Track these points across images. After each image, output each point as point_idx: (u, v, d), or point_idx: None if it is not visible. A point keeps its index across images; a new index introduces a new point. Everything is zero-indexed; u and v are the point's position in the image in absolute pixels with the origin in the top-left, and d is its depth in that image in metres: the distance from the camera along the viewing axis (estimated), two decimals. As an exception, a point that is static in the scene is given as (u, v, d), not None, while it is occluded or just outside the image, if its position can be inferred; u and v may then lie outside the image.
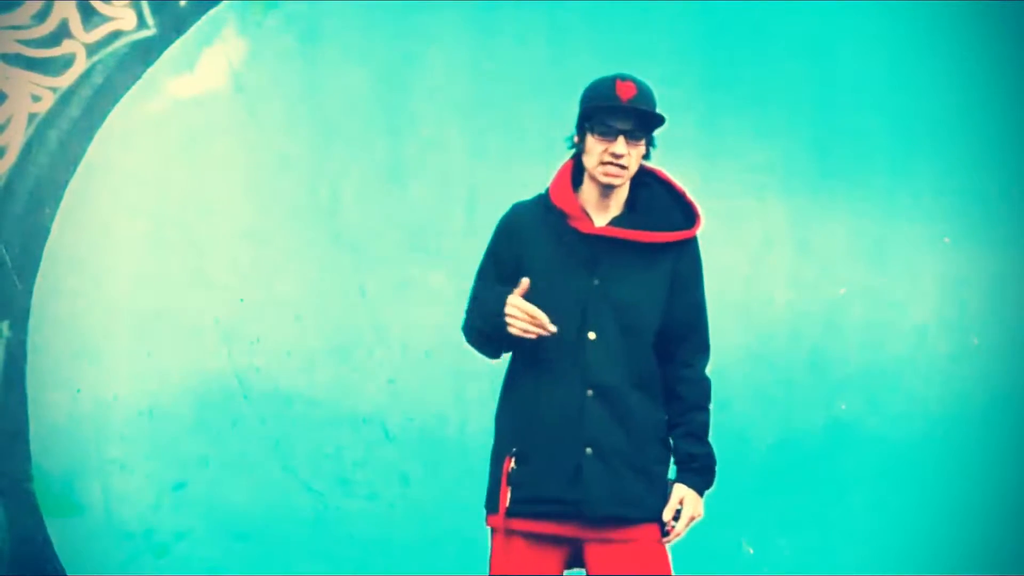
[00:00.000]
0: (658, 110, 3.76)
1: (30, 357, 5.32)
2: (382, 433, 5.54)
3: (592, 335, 3.71)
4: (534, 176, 5.63)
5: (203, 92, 5.48)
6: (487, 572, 3.86)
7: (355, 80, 5.57)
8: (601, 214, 3.79)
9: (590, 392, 3.71)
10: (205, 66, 5.48)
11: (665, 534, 3.78)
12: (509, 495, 3.73)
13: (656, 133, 3.80)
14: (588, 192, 3.81)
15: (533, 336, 3.65)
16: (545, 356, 3.73)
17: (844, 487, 5.83)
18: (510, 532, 3.75)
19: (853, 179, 5.89)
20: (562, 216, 3.78)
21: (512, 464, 3.75)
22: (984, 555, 5.83)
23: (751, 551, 5.77)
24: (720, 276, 5.77)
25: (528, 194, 5.61)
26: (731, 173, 5.82)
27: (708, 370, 3.92)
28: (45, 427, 5.31)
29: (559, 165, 5.56)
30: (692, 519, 3.80)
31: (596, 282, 3.73)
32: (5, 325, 5.30)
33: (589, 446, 3.70)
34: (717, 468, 3.88)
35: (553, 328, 3.64)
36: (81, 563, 5.32)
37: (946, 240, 5.97)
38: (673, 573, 3.80)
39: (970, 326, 5.97)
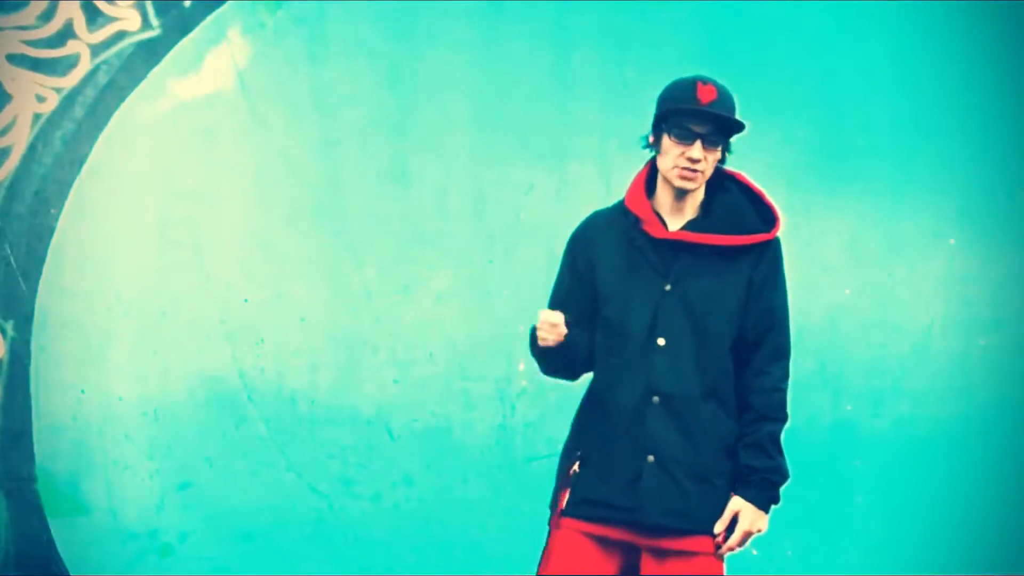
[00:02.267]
0: (738, 116, 3.72)
1: (35, 357, 5.32)
2: (386, 434, 5.54)
3: (662, 340, 3.66)
4: (539, 177, 5.67)
5: (208, 93, 5.48)
6: (492, 573, 3.86)
7: (360, 80, 5.57)
8: (675, 218, 3.73)
9: (656, 399, 3.66)
10: (210, 67, 5.48)
11: (718, 547, 3.71)
12: (568, 496, 3.73)
13: (734, 139, 3.75)
14: (662, 196, 3.74)
15: (560, 339, 3.64)
16: (616, 361, 3.70)
17: (849, 488, 5.83)
18: (566, 529, 3.73)
19: (858, 179, 5.88)
20: (636, 221, 3.72)
21: (576, 467, 3.73)
22: (990, 555, 5.82)
23: (755, 552, 5.75)
24: (724, 277, 5.80)
25: (534, 195, 5.66)
26: (736, 174, 5.82)
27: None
28: (49, 427, 5.32)
29: (564, 166, 5.57)
30: (748, 534, 3.72)
31: (668, 287, 3.67)
32: (10, 325, 5.30)
33: (651, 454, 3.65)
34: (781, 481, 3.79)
35: (563, 329, 3.63)
36: (85, 563, 5.32)
37: (952, 241, 5.96)
38: None
39: (976, 327, 5.96)
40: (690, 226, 3.72)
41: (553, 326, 3.64)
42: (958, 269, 5.96)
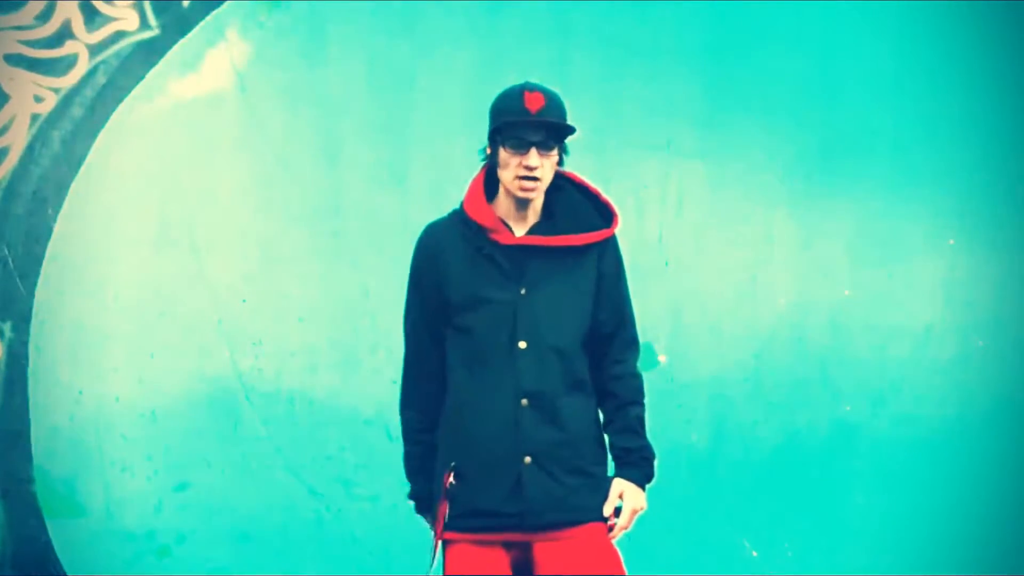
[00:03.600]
0: (569, 120, 3.75)
1: (32, 358, 5.31)
2: (384, 435, 5.53)
3: (523, 344, 3.71)
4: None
5: (206, 93, 5.48)
6: (486, 573, 3.86)
7: (358, 81, 5.56)
8: (519, 224, 3.79)
9: (524, 401, 3.70)
10: (208, 67, 5.48)
11: (610, 530, 3.77)
12: (448, 510, 3.74)
13: (569, 140, 3.78)
14: (504, 203, 3.79)
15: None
16: (478, 369, 3.74)
17: (848, 489, 5.82)
18: (455, 541, 3.76)
19: (857, 180, 5.87)
20: (480, 230, 3.77)
21: (451, 479, 3.75)
22: (988, 556, 5.81)
23: (754, 553, 5.75)
24: (723, 277, 5.79)
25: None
26: (734, 174, 5.81)
27: (700, 369, 3.91)
28: (47, 428, 5.31)
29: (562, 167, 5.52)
30: (635, 511, 3.79)
31: (523, 291, 3.73)
32: (7, 326, 5.30)
33: (528, 455, 3.70)
34: (657, 463, 3.85)
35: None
36: (83, 565, 5.32)
37: (951, 242, 5.95)
38: (625, 571, 3.77)
39: (975, 328, 5.95)
40: (536, 230, 3.78)
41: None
42: (957, 270, 5.95)
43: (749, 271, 5.80)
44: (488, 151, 3.81)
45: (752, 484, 5.71)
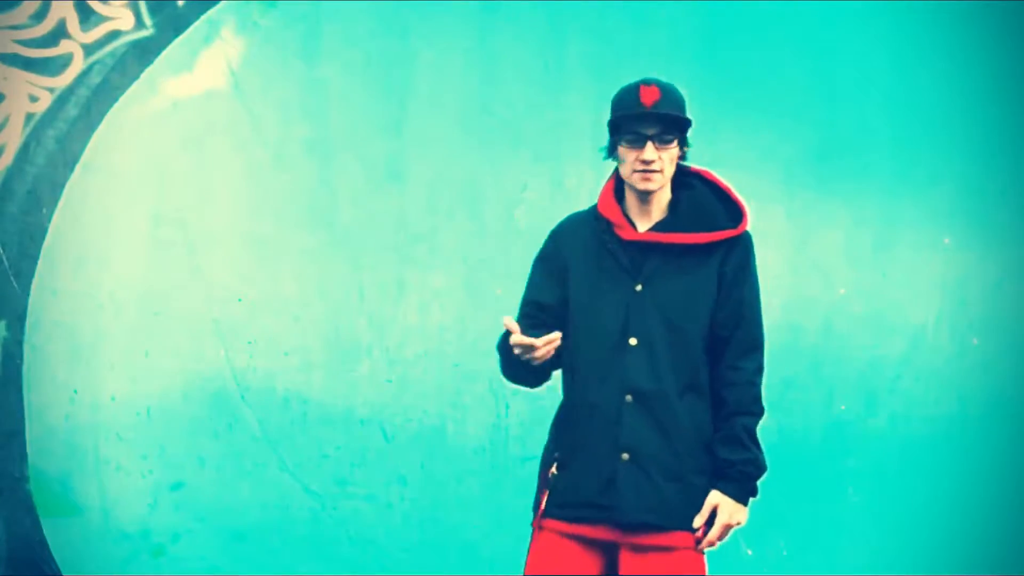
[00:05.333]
0: (687, 112, 3.77)
1: (27, 358, 5.31)
2: (380, 434, 5.54)
3: (634, 340, 3.69)
4: (533, 177, 5.66)
5: (201, 92, 5.47)
6: (485, 572, 3.86)
7: (353, 80, 5.56)
8: (644, 220, 3.79)
9: (629, 398, 3.69)
10: (203, 66, 5.48)
11: (698, 542, 3.73)
12: (547, 499, 3.76)
13: (689, 134, 3.80)
14: (630, 200, 3.81)
15: (550, 354, 3.62)
16: (588, 363, 3.74)
17: (843, 488, 5.83)
18: (548, 531, 3.76)
19: (853, 180, 5.89)
20: (607, 225, 3.79)
21: (554, 469, 3.77)
22: (984, 555, 5.83)
23: (750, 552, 5.76)
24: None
25: (527, 195, 5.65)
26: (730, 174, 5.78)
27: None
28: (42, 428, 5.30)
29: (558, 166, 5.57)
30: (727, 527, 3.74)
31: (639, 287, 3.72)
32: (2, 325, 5.29)
33: (626, 452, 3.68)
34: (763, 478, 3.81)
35: (552, 343, 3.62)
36: (78, 564, 5.31)
37: (946, 241, 5.96)
38: None
39: (970, 327, 5.97)
40: (658, 227, 3.78)
41: (531, 348, 3.62)
42: (952, 269, 5.97)
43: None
44: (610, 150, 3.81)
45: (747, 483, 5.71)
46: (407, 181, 5.59)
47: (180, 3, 5.45)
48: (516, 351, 3.63)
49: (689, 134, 3.80)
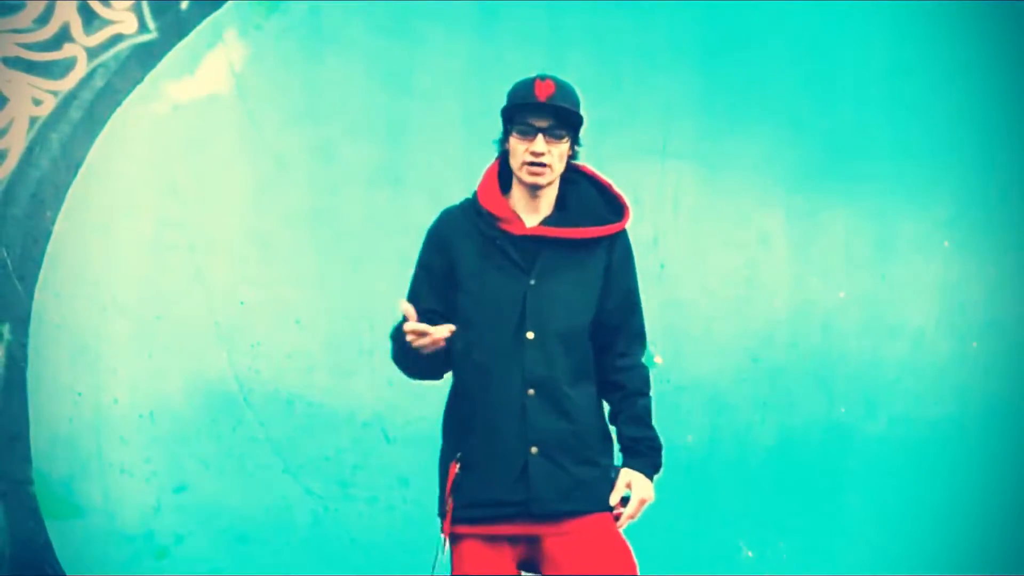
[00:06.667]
0: (582, 110, 3.78)
1: (31, 360, 5.31)
2: (382, 436, 5.55)
3: (531, 335, 3.73)
4: (534, 179, 5.67)
5: (204, 95, 5.48)
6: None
7: (356, 83, 5.57)
8: (531, 215, 3.81)
9: (531, 391, 3.72)
10: (206, 69, 5.49)
11: (616, 519, 3.78)
12: (454, 501, 3.75)
13: (582, 133, 3.80)
14: (517, 194, 3.82)
15: (440, 344, 3.64)
16: (484, 359, 3.75)
17: (843, 490, 5.84)
18: (461, 536, 3.77)
19: (852, 183, 5.90)
20: (492, 219, 3.80)
21: (457, 470, 3.76)
22: (982, 557, 5.84)
23: (750, 554, 5.77)
24: (719, 278, 5.81)
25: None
26: (730, 176, 5.83)
27: (701, 369, 3.92)
28: (46, 430, 5.31)
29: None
30: (643, 502, 3.80)
31: (532, 282, 3.75)
32: (6, 328, 5.30)
33: (534, 445, 3.71)
34: (664, 453, 3.87)
35: (445, 332, 3.63)
36: (81, 566, 5.32)
37: (945, 244, 5.98)
38: (635, 562, 3.78)
39: (969, 329, 5.98)
40: (548, 221, 3.80)
41: (422, 335, 3.63)
42: (952, 272, 5.98)
43: (744, 273, 5.82)
44: (502, 141, 3.83)
45: (747, 485, 5.73)
46: (409, 183, 5.60)
47: (183, 6, 5.45)
48: (408, 337, 3.64)
49: (582, 133, 3.80)
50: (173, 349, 5.41)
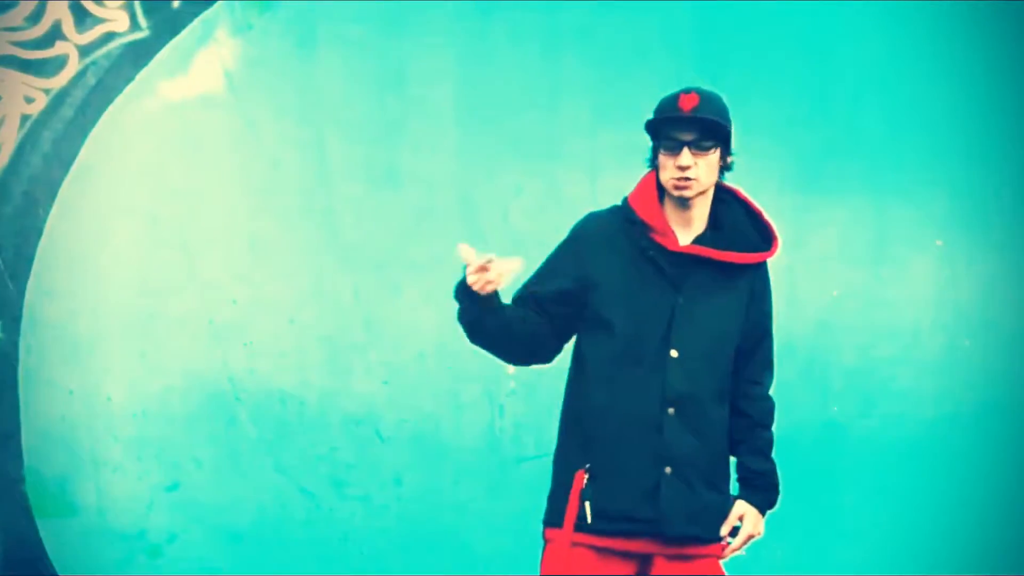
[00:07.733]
0: (728, 121, 3.72)
1: (23, 359, 5.31)
2: (375, 434, 5.54)
3: (675, 353, 3.65)
4: (528, 179, 5.67)
5: (196, 94, 5.48)
6: (480, 573, 3.85)
7: (348, 81, 5.57)
8: (684, 230, 3.73)
9: (671, 410, 3.65)
10: (198, 68, 5.48)
11: (722, 549, 3.75)
12: (579, 510, 3.67)
13: (733, 144, 3.76)
14: (670, 208, 3.74)
15: (500, 281, 3.52)
16: (622, 371, 3.67)
17: (837, 489, 5.84)
18: (576, 545, 3.67)
19: (846, 182, 5.90)
20: (646, 229, 3.71)
21: (585, 479, 3.68)
22: (978, 556, 5.84)
23: (744, 553, 5.77)
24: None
25: (522, 197, 5.66)
26: (725, 175, 5.83)
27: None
28: (38, 428, 5.31)
29: (552, 168, 5.56)
30: (751, 537, 3.77)
31: (681, 300, 3.68)
32: (-2, 326, 5.31)
33: (668, 465, 3.65)
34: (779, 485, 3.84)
35: (514, 265, 3.52)
36: (74, 564, 5.31)
37: (939, 243, 5.98)
38: None
39: (962, 328, 5.98)
40: (702, 240, 3.73)
41: (482, 269, 3.52)
42: (945, 271, 5.98)
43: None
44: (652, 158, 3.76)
45: (741, 483, 5.73)
46: (402, 183, 5.60)
47: (175, 5, 5.45)
48: (471, 279, 3.53)
49: (733, 144, 3.75)
50: (166, 347, 5.40)
